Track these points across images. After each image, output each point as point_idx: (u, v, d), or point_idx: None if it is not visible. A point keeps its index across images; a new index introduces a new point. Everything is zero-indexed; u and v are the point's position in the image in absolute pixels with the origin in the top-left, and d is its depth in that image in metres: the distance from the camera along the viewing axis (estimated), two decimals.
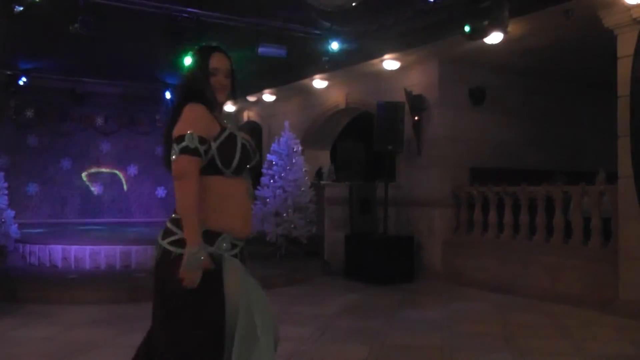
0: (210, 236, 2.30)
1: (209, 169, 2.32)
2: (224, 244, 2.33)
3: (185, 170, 2.25)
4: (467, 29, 6.25)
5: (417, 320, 6.01)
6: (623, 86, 6.12)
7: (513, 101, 9.36)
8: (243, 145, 2.41)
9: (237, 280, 2.31)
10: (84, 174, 13.71)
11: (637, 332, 5.50)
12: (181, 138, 2.24)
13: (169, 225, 2.35)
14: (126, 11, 7.09)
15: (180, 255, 2.23)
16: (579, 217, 6.97)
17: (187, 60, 2.51)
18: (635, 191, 5.72)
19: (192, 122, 2.28)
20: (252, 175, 2.60)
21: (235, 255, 2.37)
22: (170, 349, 2.39)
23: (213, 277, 2.26)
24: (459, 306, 6.73)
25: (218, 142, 2.33)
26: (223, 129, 2.38)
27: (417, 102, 8.75)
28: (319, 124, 11.55)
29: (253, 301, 2.30)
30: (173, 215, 2.37)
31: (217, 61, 2.44)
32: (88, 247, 8.49)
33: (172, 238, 2.31)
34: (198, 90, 2.40)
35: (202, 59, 2.45)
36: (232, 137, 2.38)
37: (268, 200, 9.56)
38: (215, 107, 2.44)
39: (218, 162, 2.32)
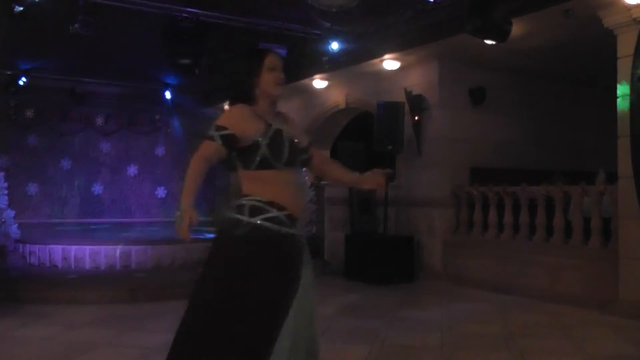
0: (292, 219, 2.53)
1: (262, 163, 2.51)
2: (300, 230, 2.58)
3: (199, 150, 2.50)
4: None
5: (417, 320, 6.01)
6: (623, 86, 6.11)
7: (513, 101, 9.36)
8: (291, 143, 2.58)
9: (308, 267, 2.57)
10: None
11: (637, 332, 5.50)
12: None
13: (256, 204, 2.52)
14: (126, 11, 7.09)
15: (270, 231, 2.47)
16: (579, 217, 6.97)
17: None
18: (635, 191, 5.71)
19: (224, 119, 2.52)
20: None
21: (293, 235, 2.54)
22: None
23: (298, 256, 2.53)
24: (459, 306, 6.73)
25: (267, 138, 2.51)
26: (269, 125, 2.55)
27: (417, 102, 8.75)
28: (319, 124, 11.54)
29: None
30: (251, 199, 2.54)
31: (274, 59, 2.72)
32: (88, 247, 8.50)
33: (268, 215, 2.49)
34: (245, 91, 2.63)
35: (256, 59, 2.68)
36: (279, 133, 2.55)
37: None
38: (270, 101, 2.67)
39: (269, 157, 2.50)
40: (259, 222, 2.48)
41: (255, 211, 2.50)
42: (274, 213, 2.49)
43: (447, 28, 7.25)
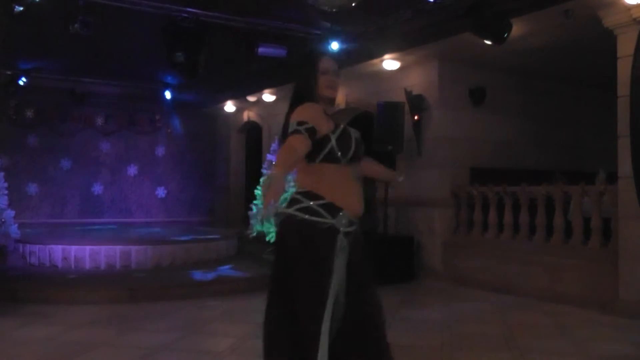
0: (333, 209, 2.65)
1: (327, 157, 2.68)
2: (344, 220, 2.65)
3: (288, 142, 2.58)
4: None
5: (417, 320, 6.01)
6: (623, 86, 6.12)
7: (513, 101, 9.36)
8: (357, 140, 2.80)
9: (339, 262, 2.62)
10: None
11: (637, 332, 5.50)
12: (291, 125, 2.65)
13: (295, 196, 2.70)
14: (126, 11, 7.08)
15: (303, 220, 2.61)
16: (579, 217, 6.97)
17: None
18: (635, 191, 5.71)
19: (302, 115, 2.67)
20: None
21: (349, 233, 2.67)
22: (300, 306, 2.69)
23: (330, 246, 2.60)
24: (459, 306, 6.73)
25: (336, 135, 2.71)
26: (337, 125, 2.76)
27: (417, 102, 8.75)
28: None
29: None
30: (299, 190, 2.73)
31: (325, 63, 2.85)
32: (88, 247, 8.50)
33: (300, 205, 2.65)
34: (308, 93, 2.83)
35: (311, 63, 2.86)
36: (346, 132, 2.77)
37: None
38: (327, 103, 2.86)
39: (337, 153, 2.68)
40: (296, 212, 2.65)
41: (293, 202, 2.68)
42: (305, 203, 2.64)
43: (447, 28, 7.25)
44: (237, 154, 14.55)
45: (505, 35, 6.33)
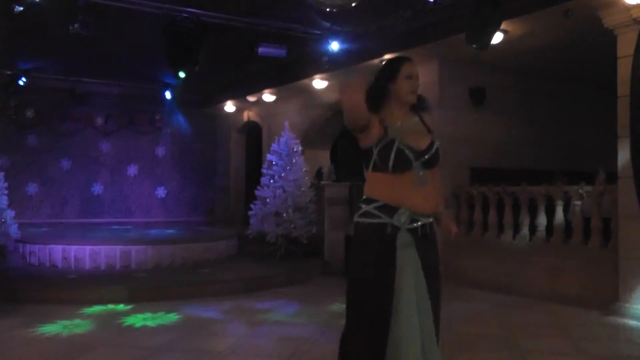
0: (389, 209, 2.71)
1: (374, 167, 2.77)
2: (403, 218, 2.70)
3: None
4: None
5: None
6: (623, 86, 6.12)
7: (513, 101, 9.36)
8: (399, 152, 2.72)
9: (404, 256, 2.67)
10: None
11: (637, 332, 5.50)
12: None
13: (360, 204, 2.79)
14: (126, 11, 7.09)
15: (362, 224, 2.74)
16: (579, 217, 6.97)
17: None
18: (635, 191, 5.71)
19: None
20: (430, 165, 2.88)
21: (414, 230, 2.72)
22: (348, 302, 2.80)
23: (390, 244, 2.66)
24: (459, 306, 6.72)
25: (378, 147, 2.74)
26: (385, 134, 2.75)
27: (417, 102, 8.73)
28: (319, 124, 11.54)
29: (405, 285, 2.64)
30: (362, 197, 2.81)
31: (410, 68, 2.88)
32: (88, 247, 8.49)
33: (360, 212, 2.77)
34: (379, 95, 2.83)
35: (394, 67, 2.87)
36: (389, 145, 2.73)
37: (268, 200, 9.57)
38: (405, 107, 2.89)
39: (378, 163, 2.74)
40: (356, 218, 2.79)
41: (358, 209, 2.81)
42: (364, 209, 2.76)
43: (447, 28, 7.26)
44: (237, 154, 14.56)
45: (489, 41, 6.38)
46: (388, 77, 2.86)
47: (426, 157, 2.83)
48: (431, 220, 2.86)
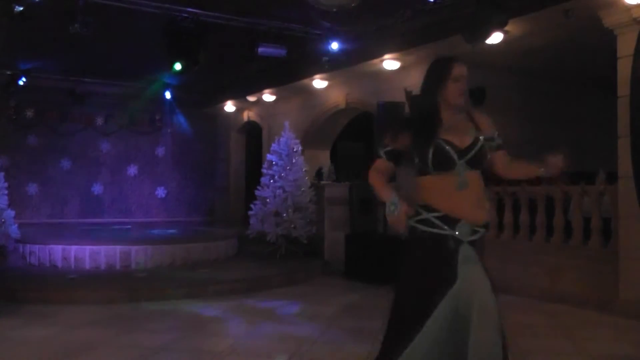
0: (450, 220, 2.62)
1: (420, 171, 2.72)
2: (464, 230, 2.62)
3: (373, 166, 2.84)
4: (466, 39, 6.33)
5: None
6: (623, 86, 6.11)
7: (513, 101, 9.35)
8: (438, 148, 2.64)
9: (468, 267, 2.59)
10: None
11: (637, 332, 5.50)
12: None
13: (417, 208, 2.71)
14: (126, 11, 7.09)
15: (425, 233, 2.64)
16: (579, 217, 6.97)
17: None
18: (635, 191, 5.71)
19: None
20: (477, 166, 2.76)
21: (474, 242, 2.64)
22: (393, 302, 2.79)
23: (451, 257, 2.58)
24: None
25: (419, 146, 2.68)
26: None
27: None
28: (319, 124, 11.55)
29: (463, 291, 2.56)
30: (420, 202, 2.74)
31: (460, 70, 2.85)
32: (88, 247, 8.50)
33: (419, 217, 2.68)
34: (429, 101, 2.79)
35: (444, 69, 2.81)
36: (429, 140, 2.66)
37: (268, 200, 9.57)
38: (452, 110, 2.80)
39: (419, 164, 2.69)
40: (412, 224, 2.69)
41: (416, 213, 2.70)
42: (423, 215, 2.67)
43: (447, 28, 7.25)
44: (237, 154, 14.56)
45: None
46: (436, 83, 2.78)
47: (470, 155, 2.69)
48: (485, 230, 2.74)
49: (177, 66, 8.09)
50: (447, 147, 2.64)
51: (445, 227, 2.62)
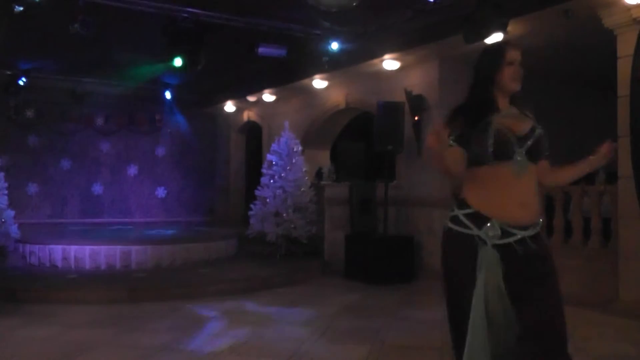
0: (479, 219, 2.44)
1: (474, 160, 2.48)
2: (491, 232, 2.41)
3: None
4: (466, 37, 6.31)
5: (417, 320, 6.00)
6: (623, 86, 6.11)
7: None
8: (498, 131, 2.45)
9: (486, 274, 2.38)
10: None
11: (637, 332, 5.50)
12: None
13: (453, 205, 2.57)
14: (126, 11, 7.09)
15: (452, 232, 2.50)
16: (579, 217, 6.97)
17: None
18: (635, 191, 5.71)
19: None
20: (536, 156, 2.56)
21: (507, 245, 2.41)
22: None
23: (474, 259, 2.41)
24: None
25: (474, 132, 2.47)
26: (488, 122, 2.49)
27: (417, 102, 8.74)
28: (319, 124, 11.55)
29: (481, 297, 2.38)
30: (456, 195, 2.60)
31: (513, 53, 2.66)
32: (88, 247, 8.49)
33: (450, 215, 2.55)
34: (485, 87, 2.66)
35: (498, 54, 2.65)
36: (485, 125, 2.47)
37: (268, 200, 9.57)
38: (506, 95, 2.66)
39: (476, 151, 2.46)
40: (445, 220, 2.58)
41: (451, 209, 2.58)
42: (454, 212, 2.53)
43: (447, 28, 7.25)
44: (237, 154, 14.56)
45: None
46: (491, 67, 2.65)
47: (530, 142, 2.50)
48: (536, 231, 2.49)
49: (177, 61, 8.09)
50: (507, 133, 2.47)
51: (472, 226, 2.45)
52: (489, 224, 2.42)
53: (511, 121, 2.54)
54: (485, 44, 6.68)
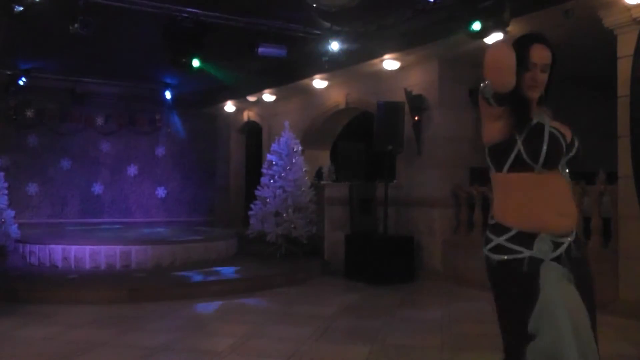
0: (526, 238, 2.23)
1: (517, 165, 2.24)
2: (544, 246, 2.22)
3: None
4: (475, 26, 6.23)
5: (417, 320, 6.01)
6: (623, 86, 6.12)
7: None
8: (552, 135, 2.25)
9: (556, 291, 2.18)
10: None
11: (637, 332, 5.50)
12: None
13: (487, 233, 2.35)
14: (126, 11, 7.09)
15: (498, 262, 2.26)
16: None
17: None
18: (635, 191, 5.71)
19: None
20: (571, 166, 2.39)
21: (558, 257, 2.24)
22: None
23: (530, 283, 2.19)
24: (459, 306, 6.72)
25: (524, 134, 2.23)
26: (525, 120, 2.28)
27: (417, 102, 8.75)
28: (319, 124, 11.55)
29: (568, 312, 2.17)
30: (490, 222, 2.36)
31: (538, 54, 2.31)
32: (88, 247, 8.49)
33: (490, 245, 2.31)
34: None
35: (521, 51, 2.26)
36: (538, 127, 2.26)
37: (268, 200, 9.57)
38: (527, 105, 2.31)
39: (525, 156, 2.22)
40: (486, 252, 2.33)
41: (486, 239, 2.35)
42: (495, 241, 2.29)
43: (447, 28, 7.25)
44: (237, 154, 14.56)
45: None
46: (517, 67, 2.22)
47: (572, 153, 2.32)
48: (575, 236, 2.34)
49: (195, 62, 8.07)
50: (560, 138, 2.24)
51: (520, 248, 2.22)
52: (538, 240, 2.23)
53: (559, 126, 2.36)
54: (485, 43, 6.69)
